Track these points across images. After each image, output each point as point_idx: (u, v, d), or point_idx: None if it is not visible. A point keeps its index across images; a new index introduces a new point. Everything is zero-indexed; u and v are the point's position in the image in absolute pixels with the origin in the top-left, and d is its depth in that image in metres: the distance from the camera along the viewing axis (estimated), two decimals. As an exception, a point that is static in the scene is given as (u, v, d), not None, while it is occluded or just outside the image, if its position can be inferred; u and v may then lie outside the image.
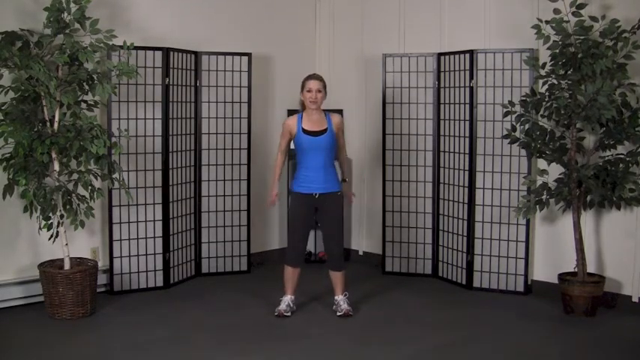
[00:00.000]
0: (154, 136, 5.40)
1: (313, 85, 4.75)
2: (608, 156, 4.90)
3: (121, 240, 5.35)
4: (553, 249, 5.37)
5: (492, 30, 5.55)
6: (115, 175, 4.93)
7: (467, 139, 5.54)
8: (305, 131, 4.76)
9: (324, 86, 4.82)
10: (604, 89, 4.53)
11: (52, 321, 4.71)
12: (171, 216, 5.54)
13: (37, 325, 4.63)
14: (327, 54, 6.69)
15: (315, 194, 4.78)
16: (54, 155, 4.68)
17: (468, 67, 5.49)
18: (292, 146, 4.98)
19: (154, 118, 5.38)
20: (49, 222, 4.74)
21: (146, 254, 5.44)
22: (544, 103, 4.95)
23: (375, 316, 4.92)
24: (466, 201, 5.58)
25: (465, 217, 5.59)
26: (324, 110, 4.87)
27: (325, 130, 4.76)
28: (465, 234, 5.60)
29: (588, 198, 4.96)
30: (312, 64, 6.71)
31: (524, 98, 5.05)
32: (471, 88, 5.48)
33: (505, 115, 5.14)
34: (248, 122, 5.95)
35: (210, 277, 5.90)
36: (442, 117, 5.80)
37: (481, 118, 5.47)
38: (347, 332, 4.58)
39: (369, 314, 4.94)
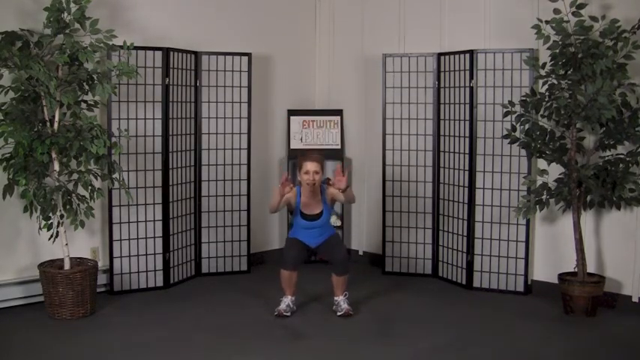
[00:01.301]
0: (154, 136, 5.40)
1: (311, 167, 4.78)
2: (608, 156, 4.90)
3: (121, 240, 5.35)
4: (553, 249, 5.37)
5: (492, 30, 5.55)
6: (115, 175, 4.93)
7: (467, 139, 5.54)
8: (303, 215, 4.87)
9: (322, 167, 4.86)
10: (604, 89, 4.52)
11: (52, 321, 4.71)
12: (171, 216, 5.54)
13: (37, 325, 4.63)
14: (327, 54, 6.69)
15: (312, 247, 4.96)
16: (54, 155, 4.68)
17: (468, 67, 5.49)
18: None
19: (154, 118, 5.38)
20: (49, 222, 4.74)
21: (146, 254, 5.44)
22: (544, 103, 4.95)
23: (375, 316, 4.92)
24: (466, 201, 5.58)
25: (465, 217, 5.59)
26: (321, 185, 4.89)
27: (321, 214, 4.87)
28: (465, 234, 5.60)
29: (588, 198, 4.96)
30: (312, 64, 6.72)
31: (524, 98, 5.05)
32: (471, 88, 5.48)
33: (505, 115, 5.14)
34: (248, 122, 5.95)
35: (210, 277, 5.90)
36: (442, 117, 5.80)
37: (481, 118, 5.46)
38: (347, 332, 4.58)
39: (369, 314, 4.94)
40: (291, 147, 6.36)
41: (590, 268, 5.09)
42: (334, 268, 4.94)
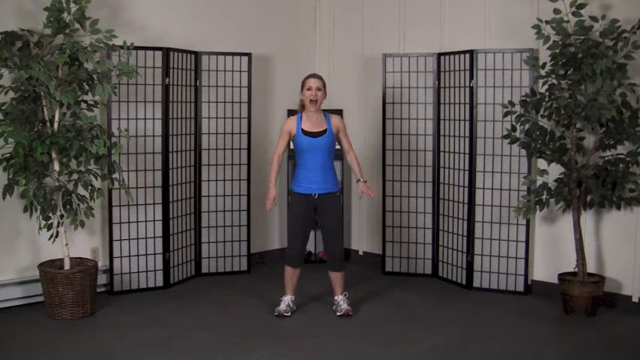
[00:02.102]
0: (154, 136, 5.40)
1: (313, 83, 4.76)
2: (608, 156, 4.90)
3: (121, 240, 5.35)
4: (553, 249, 5.37)
5: (492, 30, 5.55)
6: (115, 175, 4.93)
7: (467, 139, 5.54)
8: (304, 132, 4.77)
9: (324, 85, 4.82)
10: (604, 89, 4.52)
11: (52, 321, 4.71)
12: (171, 216, 5.54)
13: (37, 325, 4.63)
14: (327, 54, 6.69)
15: (314, 194, 4.79)
16: (54, 155, 4.68)
17: (468, 67, 5.49)
18: (291, 146, 4.97)
19: (154, 118, 5.39)
20: (49, 222, 4.74)
21: (146, 254, 5.44)
22: (544, 103, 4.95)
23: (375, 316, 4.92)
24: (466, 201, 5.58)
25: (465, 217, 5.59)
26: (323, 110, 4.87)
27: (325, 131, 4.77)
28: (465, 234, 5.60)
29: (588, 198, 4.96)
30: (312, 64, 6.71)
31: (524, 98, 5.05)
32: (471, 88, 5.48)
33: (505, 115, 5.14)
34: (248, 122, 5.96)
35: (210, 277, 5.90)
36: (442, 117, 5.80)
37: (481, 118, 5.47)
38: (347, 332, 4.58)
39: (369, 314, 4.94)
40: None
41: (590, 268, 5.10)
42: (329, 263, 4.93)
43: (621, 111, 4.76)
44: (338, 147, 4.94)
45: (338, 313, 4.86)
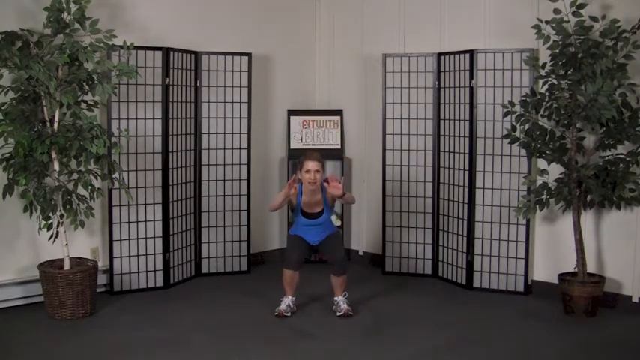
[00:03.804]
0: (154, 136, 5.40)
1: (312, 166, 4.79)
2: (608, 156, 4.90)
3: (121, 240, 5.35)
4: (553, 249, 5.37)
5: (492, 30, 5.55)
6: (115, 175, 4.93)
7: (467, 139, 5.54)
8: (304, 213, 4.88)
9: (322, 166, 4.87)
10: (604, 89, 4.52)
11: (52, 321, 4.71)
12: (171, 216, 5.53)
13: (37, 325, 4.63)
14: (327, 54, 6.69)
15: (313, 244, 4.97)
16: (54, 155, 4.68)
17: (468, 67, 5.49)
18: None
19: (154, 118, 5.38)
20: (49, 222, 4.74)
21: (146, 254, 5.44)
22: (544, 103, 4.95)
23: (375, 316, 4.92)
24: (466, 201, 5.58)
25: (465, 217, 5.59)
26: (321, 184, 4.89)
27: (321, 212, 4.89)
28: (465, 234, 5.60)
29: (588, 198, 4.96)
30: (312, 64, 6.72)
31: (524, 98, 5.05)
32: (471, 88, 5.48)
33: (505, 115, 5.14)
34: (248, 122, 5.95)
35: (210, 277, 5.90)
36: (442, 117, 5.80)
37: (481, 118, 5.46)
38: (347, 332, 4.58)
39: (369, 314, 4.94)
40: (291, 147, 6.36)
41: (590, 268, 5.09)
42: (332, 267, 4.95)
43: (621, 111, 4.76)
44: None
45: (338, 313, 4.86)
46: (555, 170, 5.07)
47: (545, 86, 4.92)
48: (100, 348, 4.25)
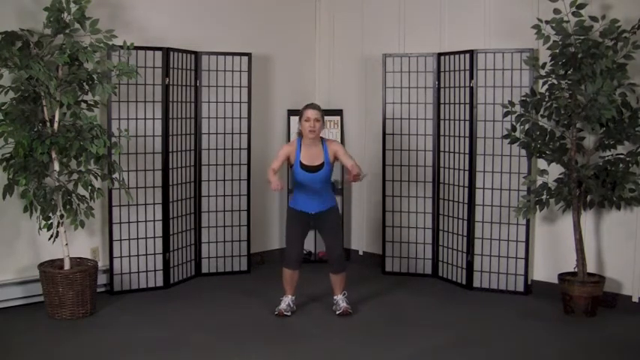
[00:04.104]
0: (154, 136, 5.40)
1: (312, 114, 4.75)
2: (608, 156, 4.90)
3: (121, 240, 5.35)
4: (553, 249, 5.37)
5: (492, 30, 5.55)
6: (115, 175, 4.93)
7: (467, 139, 5.54)
8: (302, 166, 4.79)
9: (322, 116, 4.82)
10: (604, 89, 4.52)
11: (52, 321, 4.71)
12: (171, 216, 5.53)
13: (37, 325, 4.63)
14: (327, 54, 6.69)
15: (312, 213, 4.87)
16: (54, 155, 4.68)
17: (468, 67, 5.49)
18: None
19: (154, 118, 5.38)
20: (49, 222, 4.74)
21: (146, 254, 5.44)
22: (544, 103, 4.95)
23: (375, 316, 4.92)
24: (466, 201, 5.58)
25: (465, 217, 5.59)
26: (321, 137, 4.86)
27: (322, 165, 4.79)
28: (465, 234, 5.60)
29: (588, 198, 4.96)
30: (312, 64, 6.72)
31: (524, 98, 5.05)
32: (471, 88, 5.48)
33: (505, 115, 5.14)
34: (248, 122, 5.95)
35: (210, 277, 5.90)
36: (442, 117, 5.80)
37: (481, 118, 5.47)
38: (347, 332, 4.58)
39: (369, 314, 4.94)
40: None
41: (590, 268, 5.09)
42: (330, 265, 4.94)
43: (621, 111, 4.76)
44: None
45: (337, 312, 4.87)
46: (555, 170, 5.07)
47: (545, 86, 4.92)
48: (100, 348, 4.25)
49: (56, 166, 4.72)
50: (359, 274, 5.94)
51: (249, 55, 5.92)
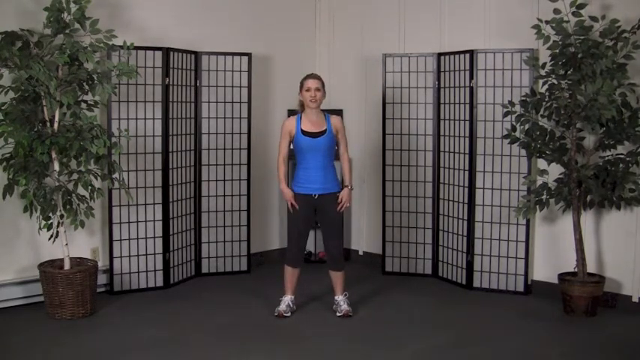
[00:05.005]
0: (154, 136, 5.40)
1: (312, 83, 4.74)
2: (608, 156, 4.90)
3: (121, 240, 5.35)
4: (553, 249, 5.37)
5: (492, 30, 5.55)
6: (115, 175, 4.93)
7: (467, 139, 5.54)
8: (304, 132, 4.76)
9: (323, 85, 4.81)
10: (604, 89, 4.53)
11: (52, 321, 4.71)
12: (171, 216, 5.54)
13: (37, 325, 4.63)
14: (327, 54, 6.69)
15: (315, 195, 4.78)
16: (54, 155, 4.68)
17: (468, 67, 5.49)
18: (291, 146, 4.97)
19: (154, 118, 5.39)
20: (49, 222, 4.74)
21: (146, 254, 5.44)
22: (544, 103, 4.95)
23: (375, 316, 4.92)
24: (466, 201, 5.58)
25: (465, 217, 5.59)
26: (323, 110, 4.87)
27: (324, 132, 4.76)
28: (465, 234, 5.60)
29: (588, 198, 4.96)
30: (312, 64, 6.71)
31: (524, 98, 5.05)
32: (471, 88, 5.48)
33: (505, 115, 5.14)
34: (248, 122, 5.96)
35: (210, 277, 5.90)
36: (442, 117, 5.80)
37: (481, 118, 5.47)
38: (347, 332, 4.58)
39: (369, 314, 4.94)
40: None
41: (590, 268, 5.09)
42: (329, 263, 4.93)
43: (621, 111, 4.76)
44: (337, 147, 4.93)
45: (338, 314, 4.86)
46: (555, 170, 5.07)
47: (545, 86, 4.92)
48: (99, 348, 4.25)
49: (56, 166, 4.72)
50: (359, 274, 5.94)
51: (249, 55, 5.92)
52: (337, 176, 4.92)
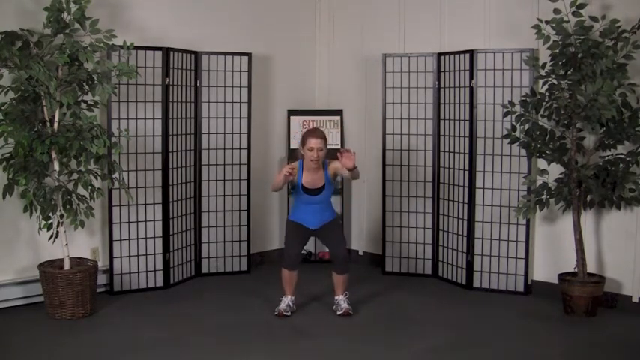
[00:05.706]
0: (154, 136, 5.40)
1: (315, 143, 4.71)
2: (608, 156, 4.90)
3: (121, 240, 5.35)
4: (553, 249, 5.37)
5: (492, 30, 5.55)
6: (115, 175, 4.93)
7: (467, 139, 5.54)
8: (304, 189, 4.81)
9: (325, 144, 4.78)
10: (604, 89, 4.52)
11: (52, 321, 4.71)
12: (171, 216, 5.53)
13: (37, 325, 4.63)
14: (327, 54, 6.69)
15: (312, 228, 4.89)
16: (54, 155, 4.68)
17: (468, 67, 5.49)
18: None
19: (154, 118, 5.39)
20: (49, 222, 4.74)
21: (146, 254, 5.44)
22: (544, 103, 4.95)
23: (375, 316, 4.92)
24: (466, 201, 5.58)
25: (465, 217, 5.59)
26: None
27: (323, 188, 4.82)
28: (465, 234, 5.60)
29: (588, 198, 4.96)
30: (312, 64, 6.72)
31: (524, 98, 5.05)
32: (471, 88, 5.48)
33: (505, 115, 5.14)
34: (248, 122, 5.95)
35: (210, 277, 5.90)
36: (442, 117, 5.80)
37: (481, 118, 5.47)
38: (347, 332, 4.58)
39: (369, 314, 4.94)
40: (291, 147, 6.36)
41: (590, 268, 5.09)
42: (334, 266, 4.94)
43: (621, 111, 4.76)
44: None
45: (338, 313, 4.87)
46: (555, 170, 5.07)
47: (545, 86, 4.92)
48: (99, 348, 4.25)
49: (56, 166, 4.72)
50: (359, 274, 5.94)
51: (249, 55, 5.92)
52: (333, 208, 5.01)
